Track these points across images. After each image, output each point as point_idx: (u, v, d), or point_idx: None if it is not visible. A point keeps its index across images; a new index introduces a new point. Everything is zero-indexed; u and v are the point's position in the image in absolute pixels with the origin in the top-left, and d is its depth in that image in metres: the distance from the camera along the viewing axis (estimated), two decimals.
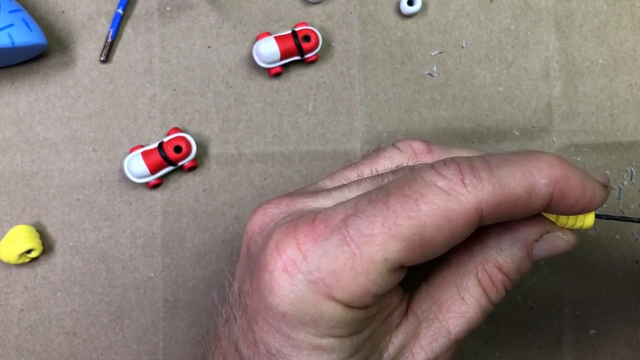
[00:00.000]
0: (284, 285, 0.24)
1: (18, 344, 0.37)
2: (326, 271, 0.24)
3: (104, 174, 0.38)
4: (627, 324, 0.39)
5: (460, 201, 0.23)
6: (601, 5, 0.40)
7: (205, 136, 0.38)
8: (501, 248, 0.27)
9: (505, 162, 0.24)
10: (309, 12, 0.39)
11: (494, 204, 0.24)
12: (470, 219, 0.23)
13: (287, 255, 0.24)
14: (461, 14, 0.40)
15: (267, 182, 0.38)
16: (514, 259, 0.27)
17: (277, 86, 0.39)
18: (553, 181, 0.24)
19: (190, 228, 0.38)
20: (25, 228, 0.36)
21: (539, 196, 0.24)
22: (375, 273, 0.24)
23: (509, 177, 0.24)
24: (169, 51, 0.38)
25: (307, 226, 0.25)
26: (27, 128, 0.38)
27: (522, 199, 0.24)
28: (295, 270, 0.24)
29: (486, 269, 0.27)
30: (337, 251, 0.24)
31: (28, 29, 0.35)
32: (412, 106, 0.39)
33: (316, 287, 0.24)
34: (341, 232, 0.24)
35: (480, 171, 0.24)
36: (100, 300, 0.37)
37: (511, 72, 0.40)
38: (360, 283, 0.24)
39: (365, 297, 0.24)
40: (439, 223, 0.23)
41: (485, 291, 0.27)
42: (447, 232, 0.23)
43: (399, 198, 0.24)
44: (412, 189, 0.24)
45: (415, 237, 0.23)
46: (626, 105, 0.40)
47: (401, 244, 0.23)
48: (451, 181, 0.24)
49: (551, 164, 0.24)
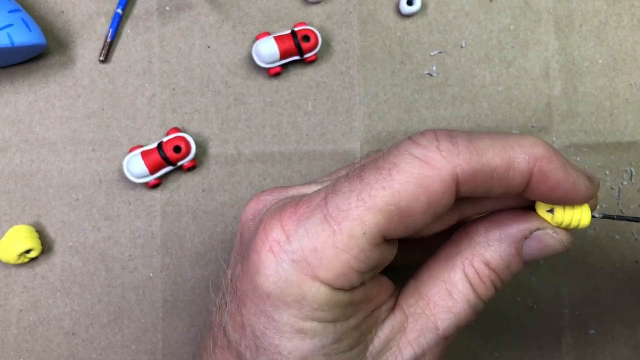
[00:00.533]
0: (269, 265, 0.24)
1: (17, 344, 0.37)
2: (308, 250, 0.24)
3: (103, 174, 0.38)
4: (627, 324, 0.39)
5: (434, 167, 0.23)
6: (601, 6, 0.40)
7: (204, 136, 0.38)
8: (489, 244, 0.27)
9: (487, 135, 0.24)
10: (309, 12, 0.39)
11: (470, 172, 0.23)
12: (446, 186, 0.23)
13: (272, 237, 0.24)
14: (461, 14, 0.40)
15: (266, 182, 0.38)
16: (503, 255, 0.27)
17: (277, 86, 0.39)
18: (534, 158, 0.24)
19: (190, 228, 0.38)
20: (25, 228, 0.36)
21: (518, 171, 0.24)
22: (356, 248, 0.23)
23: (488, 148, 0.24)
24: (168, 51, 0.38)
25: (292, 208, 0.25)
26: (27, 128, 0.38)
27: (500, 170, 0.24)
28: (279, 250, 0.24)
29: (473, 264, 0.27)
30: (318, 229, 0.24)
31: (27, 29, 0.35)
32: (411, 106, 0.39)
33: (299, 267, 0.24)
34: (321, 211, 0.24)
35: (458, 139, 0.24)
36: (100, 301, 0.37)
37: (511, 72, 0.40)
38: (342, 259, 0.23)
39: (348, 275, 0.24)
40: (414, 191, 0.23)
41: (473, 287, 0.27)
42: (424, 200, 0.23)
43: (372, 170, 0.24)
44: (386, 160, 0.24)
45: (392, 208, 0.23)
46: (626, 105, 0.40)
47: (378, 216, 0.23)
48: (426, 148, 0.23)
49: (534, 143, 0.24)
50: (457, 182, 0.23)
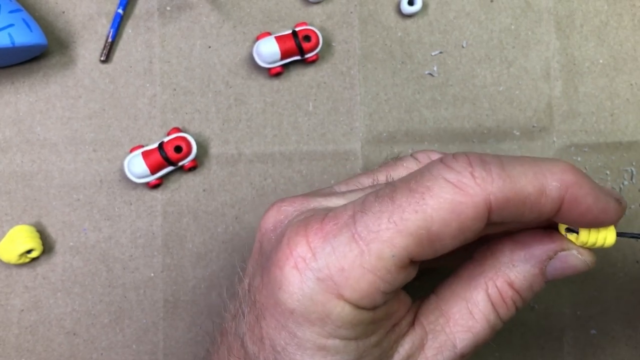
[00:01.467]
0: (293, 281, 0.24)
1: (18, 344, 0.37)
2: (335, 269, 0.23)
3: (104, 174, 0.38)
4: (628, 324, 0.39)
5: (468, 194, 0.23)
6: (602, 5, 0.40)
7: (205, 136, 0.38)
8: (513, 264, 0.27)
9: (518, 161, 0.24)
10: (309, 12, 0.39)
11: (503, 199, 0.23)
12: (478, 212, 0.23)
13: (297, 252, 0.24)
14: (461, 14, 0.40)
15: (267, 182, 0.38)
16: (527, 275, 0.27)
17: (278, 86, 0.39)
18: (565, 185, 0.24)
19: (191, 228, 0.38)
20: (26, 228, 0.36)
21: (550, 198, 0.24)
22: (383, 270, 0.23)
23: (521, 175, 0.23)
24: (169, 51, 0.38)
25: (318, 224, 0.25)
26: (28, 128, 0.38)
27: (532, 198, 0.23)
28: (304, 267, 0.24)
29: (497, 285, 0.27)
30: (346, 249, 0.23)
31: (28, 29, 0.35)
32: (412, 106, 0.39)
33: (325, 285, 0.24)
34: (349, 230, 0.24)
35: (491, 165, 0.24)
36: (101, 300, 0.37)
37: (511, 72, 0.40)
38: (368, 280, 0.23)
39: (374, 295, 0.24)
40: (446, 217, 0.23)
41: (495, 307, 0.27)
42: (455, 225, 0.23)
43: (405, 192, 0.24)
44: (419, 183, 0.24)
45: (423, 232, 0.23)
46: (626, 105, 0.40)
47: (408, 239, 0.23)
48: (460, 174, 0.23)
49: (564, 169, 0.24)
50: (490, 209, 0.23)
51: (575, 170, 0.24)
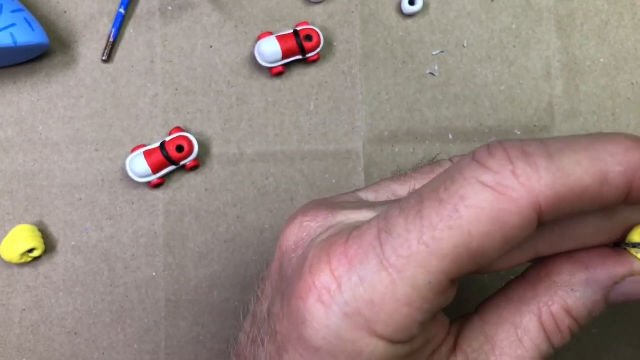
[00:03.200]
0: (318, 317, 0.21)
1: (20, 343, 0.37)
2: (364, 302, 0.20)
3: (106, 174, 0.38)
4: (630, 323, 0.39)
5: (511, 199, 0.19)
6: (602, 5, 0.40)
7: (207, 136, 0.38)
8: (573, 288, 0.23)
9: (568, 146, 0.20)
10: (311, 11, 0.39)
11: (555, 198, 0.19)
12: (526, 219, 0.19)
13: (321, 283, 0.21)
14: (462, 14, 0.40)
15: (269, 181, 0.38)
16: (587, 302, 0.23)
17: (279, 86, 0.39)
18: (631, 169, 0.19)
19: (193, 227, 0.38)
20: (28, 227, 0.36)
21: (613, 187, 0.19)
22: (420, 300, 0.20)
23: (574, 165, 0.19)
24: (170, 51, 0.39)
25: (341, 247, 0.22)
26: (30, 128, 0.38)
27: (590, 190, 0.19)
28: (329, 300, 0.21)
29: (552, 311, 0.23)
30: (375, 278, 0.20)
31: (30, 29, 0.35)
32: (413, 105, 0.39)
33: (354, 321, 0.21)
34: (376, 255, 0.21)
35: (536, 157, 0.19)
36: (102, 300, 0.37)
37: (513, 72, 0.40)
38: (403, 314, 0.20)
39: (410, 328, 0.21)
40: (487, 230, 0.19)
41: (548, 336, 0.23)
42: (500, 238, 0.19)
43: (434, 205, 0.20)
44: (450, 191, 0.20)
45: (461, 250, 0.20)
46: (628, 104, 0.40)
47: (445, 262, 0.20)
48: (498, 174, 0.19)
49: (627, 147, 0.20)
50: (540, 212, 0.19)
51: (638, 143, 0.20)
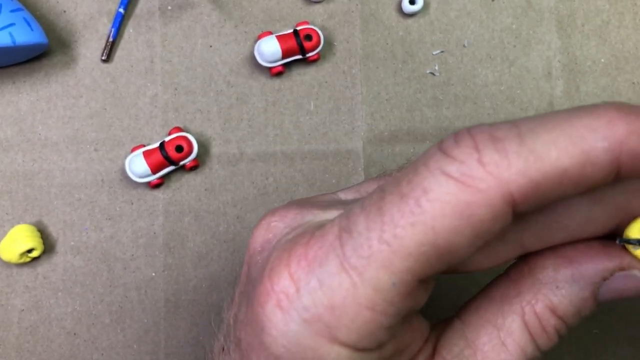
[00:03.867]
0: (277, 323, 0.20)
1: (18, 344, 0.37)
2: (323, 307, 0.19)
3: (105, 174, 0.38)
4: (630, 323, 0.39)
5: (478, 189, 0.17)
6: (603, 4, 0.40)
7: (206, 136, 0.38)
8: (558, 285, 0.21)
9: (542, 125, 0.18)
10: (311, 11, 0.39)
11: (529, 186, 0.17)
12: (496, 210, 0.17)
13: (279, 287, 0.20)
14: (463, 13, 0.40)
15: (268, 181, 0.38)
16: (574, 299, 0.21)
17: (279, 85, 0.39)
18: (617, 143, 0.17)
19: (192, 227, 0.38)
20: (27, 227, 0.36)
21: (598, 167, 0.17)
22: (383, 303, 0.19)
23: (549, 146, 0.17)
24: (170, 50, 0.38)
25: (302, 248, 0.20)
26: (29, 127, 0.38)
27: (571, 174, 0.17)
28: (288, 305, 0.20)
29: (536, 310, 0.21)
30: (334, 281, 0.19)
31: (29, 28, 0.35)
32: (414, 105, 0.39)
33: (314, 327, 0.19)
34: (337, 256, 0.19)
35: (505, 142, 0.17)
36: (102, 300, 0.37)
37: (513, 72, 0.40)
38: (366, 319, 0.19)
39: (375, 333, 0.19)
40: (453, 225, 0.17)
41: (533, 337, 0.22)
42: (468, 233, 0.18)
43: (395, 199, 0.18)
44: (412, 184, 0.18)
45: (426, 248, 0.18)
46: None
47: (409, 261, 0.18)
48: (463, 163, 0.17)
49: (610, 119, 0.17)
50: (513, 202, 0.17)
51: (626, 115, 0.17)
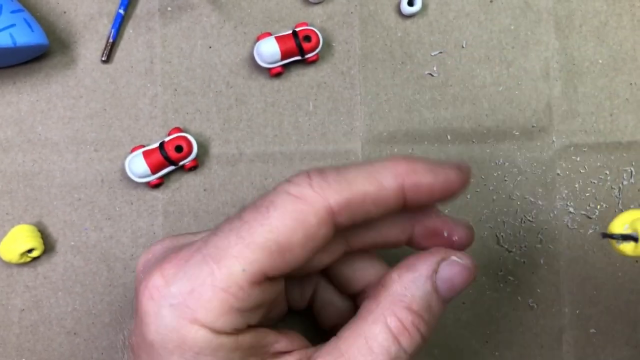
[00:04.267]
0: (150, 312, 0.24)
1: (19, 343, 0.37)
2: (187, 292, 0.24)
3: (105, 174, 0.38)
4: (627, 323, 0.39)
5: (308, 202, 0.24)
6: (601, 6, 0.40)
7: (206, 136, 0.38)
8: (405, 287, 0.27)
9: (355, 166, 0.26)
10: (310, 12, 0.39)
11: (343, 202, 0.25)
12: (321, 218, 0.24)
13: (152, 284, 0.24)
14: (461, 14, 0.40)
15: (267, 182, 0.39)
16: (421, 295, 0.26)
17: (278, 86, 0.39)
18: (400, 174, 0.25)
19: (192, 227, 0.38)
20: (27, 227, 0.37)
21: (389, 190, 0.25)
22: (235, 286, 0.23)
23: (356, 177, 0.25)
24: (170, 51, 0.39)
25: (174, 253, 0.25)
26: (29, 128, 0.38)
27: (371, 194, 0.25)
28: (159, 296, 0.24)
29: (395, 313, 0.26)
30: (196, 270, 0.24)
31: (30, 29, 0.35)
32: (412, 106, 0.39)
33: (179, 311, 0.24)
34: (200, 252, 0.24)
35: (327, 174, 0.25)
36: (101, 300, 0.38)
37: (511, 72, 0.40)
38: (220, 298, 0.23)
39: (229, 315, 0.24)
40: (291, 225, 0.24)
41: (396, 337, 0.26)
42: (301, 233, 0.24)
43: (251, 209, 0.25)
44: (264, 199, 0.25)
45: (270, 243, 0.24)
46: (626, 104, 0.40)
47: (257, 252, 0.24)
48: (300, 186, 0.25)
49: (395, 162, 0.26)
50: (332, 213, 0.24)
51: (407, 159, 0.26)
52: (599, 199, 0.40)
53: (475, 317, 0.39)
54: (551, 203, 0.39)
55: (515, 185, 0.39)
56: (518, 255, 0.39)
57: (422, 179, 0.26)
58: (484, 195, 0.39)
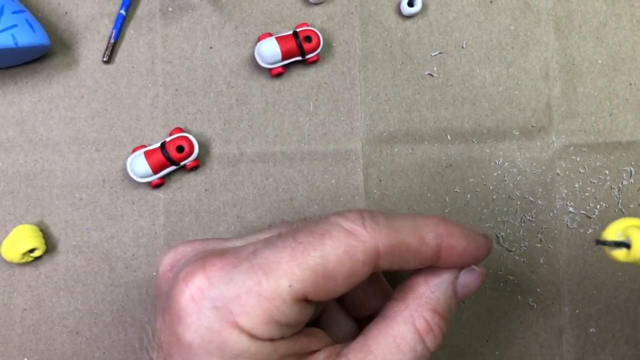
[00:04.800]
0: (191, 312, 0.25)
1: (21, 343, 0.37)
2: (231, 297, 0.24)
3: (106, 174, 0.38)
4: (627, 322, 0.39)
5: (360, 240, 0.26)
6: (600, 6, 0.40)
7: (207, 136, 0.39)
8: (432, 290, 0.29)
9: (400, 216, 0.28)
10: (310, 12, 0.39)
11: (390, 247, 0.26)
12: (368, 256, 0.26)
13: (194, 284, 0.25)
14: (461, 15, 0.40)
15: (268, 181, 0.39)
16: (445, 298, 0.29)
17: (279, 86, 0.39)
18: (439, 235, 0.27)
19: (193, 227, 0.38)
20: (29, 227, 0.37)
21: (429, 246, 0.27)
22: (279, 299, 0.24)
23: (403, 227, 0.27)
24: (171, 52, 0.39)
25: (217, 258, 0.26)
26: (31, 128, 0.38)
27: (414, 246, 0.27)
28: (201, 297, 0.25)
29: (423, 315, 0.28)
30: (244, 277, 0.25)
31: (31, 30, 0.35)
32: (412, 106, 0.39)
33: (221, 314, 0.24)
34: (249, 261, 0.25)
35: (378, 218, 0.27)
36: (103, 299, 0.38)
37: (511, 73, 0.40)
38: (264, 307, 0.24)
39: (269, 324, 0.24)
40: (341, 257, 0.25)
41: (422, 337, 0.28)
42: (348, 266, 0.25)
43: (306, 232, 0.26)
44: (319, 227, 0.26)
45: (319, 267, 0.25)
46: (625, 105, 0.40)
47: (306, 273, 0.25)
48: (353, 223, 0.26)
49: (436, 222, 0.28)
50: (378, 255, 0.26)
51: (447, 222, 0.28)
52: (598, 198, 0.40)
53: (476, 316, 0.39)
54: (551, 203, 0.40)
55: (515, 185, 0.40)
56: (518, 254, 0.39)
57: (457, 243, 0.28)
58: (484, 195, 0.39)
